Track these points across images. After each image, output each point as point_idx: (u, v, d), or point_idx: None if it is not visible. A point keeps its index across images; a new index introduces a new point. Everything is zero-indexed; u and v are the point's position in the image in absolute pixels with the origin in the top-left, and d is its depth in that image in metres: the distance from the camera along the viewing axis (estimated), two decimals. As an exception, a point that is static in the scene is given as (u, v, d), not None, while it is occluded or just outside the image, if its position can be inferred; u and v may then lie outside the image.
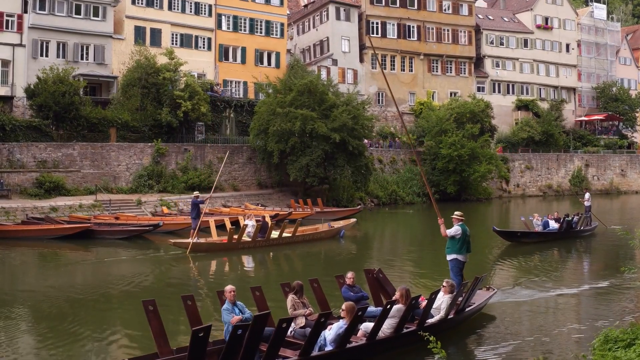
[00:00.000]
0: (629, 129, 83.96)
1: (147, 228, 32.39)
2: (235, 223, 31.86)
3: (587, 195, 37.00)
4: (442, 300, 13.07)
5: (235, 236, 26.70)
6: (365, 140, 50.80)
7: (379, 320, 11.59)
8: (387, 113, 66.31)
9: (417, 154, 51.90)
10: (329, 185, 48.55)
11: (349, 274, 13.90)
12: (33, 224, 33.43)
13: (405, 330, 12.24)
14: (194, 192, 32.55)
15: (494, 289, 16.06)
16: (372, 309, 13.02)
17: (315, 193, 47.32)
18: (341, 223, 33.19)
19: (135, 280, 21.70)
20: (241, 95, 57.16)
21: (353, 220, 34.97)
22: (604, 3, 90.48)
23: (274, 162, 46.58)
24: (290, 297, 12.53)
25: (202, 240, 27.14)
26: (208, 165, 47.82)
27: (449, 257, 15.53)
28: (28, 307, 17.63)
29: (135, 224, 33.55)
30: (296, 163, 45.70)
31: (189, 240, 26.42)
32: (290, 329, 11.47)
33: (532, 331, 13.93)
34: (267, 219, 30.71)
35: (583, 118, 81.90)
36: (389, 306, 11.70)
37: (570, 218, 30.66)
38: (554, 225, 30.42)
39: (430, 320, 12.77)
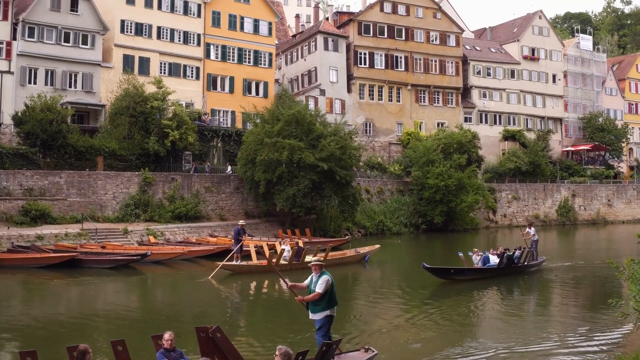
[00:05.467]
0: (615, 159, 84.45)
1: (135, 257, 32.31)
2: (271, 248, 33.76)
3: (532, 229, 32.87)
4: None
5: (274, 260, 29.18)
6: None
7: None
8: (374, 143, 66.43)
9: (404, 184, 51.89)
10: (316, 215, 48.48)
11: (167, 335, 11.50)
12: (19, 253, 33.26)
13: None
14: (240, 221, 34.15)
15: (373, 350, 13.48)
16: None
17: (302, 223, 47.23)
18: (366, 249, 35.68)
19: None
20: (229, 125, 57.27)
21: (377, 246, 36.78)
22: (589, 34, 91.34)
23: (261, 192, 46.52)
24: None
25: (244, 263, 30.15)
26: (195, 194, 47.67)
27: (320, 316, 13.11)
28: (12, 336, 17.46)
29: (123, 254, 33.46)
30: (283, 193, 45.62)
31: (233, 262, 29.85)
32: None
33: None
34: (301, 244, 33.86)
35: (570, 148, 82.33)
36: None
37: (511, 252, 28.99)
38: (495, 260, 28.50)
39: None
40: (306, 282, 13.49)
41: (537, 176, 71.67)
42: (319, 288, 12.87)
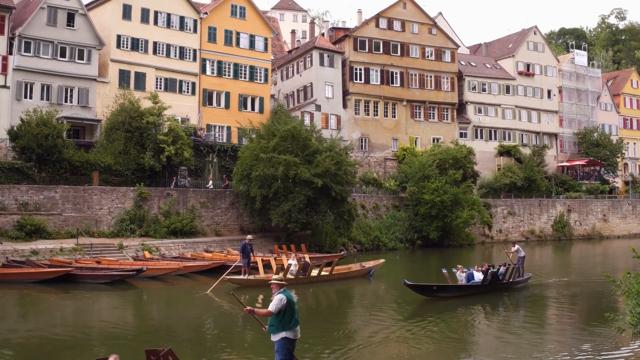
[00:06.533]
0: (611, 174, 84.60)
1: (131, 273, 32.18)
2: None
3: (516, 246, 32.58)
4: None
5: (281, 274, 29.37)
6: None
7: None
8: (370, 159, 66.49)
9: (400, 199, 51.87)
10: (312, 231, 48.39)
11: (111, 359, 10.78)
12: (13, 268, 33.11)
13: None
14: (248, 236, 35.31)
15: None
16: None
17: (298, 238, 47.07)
18: (371, 263, 36.42)
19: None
20: (224, 140, 57.27)
21: (382, 260, 37.54)
22: (584, 50, 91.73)
23: (256, 207, 46.43)
24: None
25: (251, 277, 30.72)
26: (190, 210, 47.61)
27: (276, 337, 12.45)
28: (5, 352, 17.37)
29: (118, 269, 33.31)
30: (278, 208, 45.55)
31: (241, 277, 30.61)
32: None
33: None
34: (307, 259, 34.56)
35: (565, 163, 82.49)
36: None
37: (495, 269, 28.49)
38: (479, 277, 28.07)
39: None
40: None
41: (532, 191, 71.74)
42: (271, 306, 12.35)
